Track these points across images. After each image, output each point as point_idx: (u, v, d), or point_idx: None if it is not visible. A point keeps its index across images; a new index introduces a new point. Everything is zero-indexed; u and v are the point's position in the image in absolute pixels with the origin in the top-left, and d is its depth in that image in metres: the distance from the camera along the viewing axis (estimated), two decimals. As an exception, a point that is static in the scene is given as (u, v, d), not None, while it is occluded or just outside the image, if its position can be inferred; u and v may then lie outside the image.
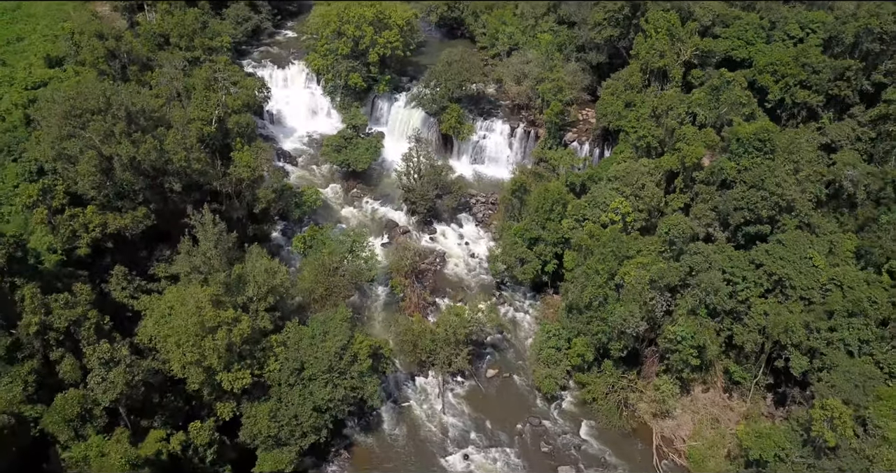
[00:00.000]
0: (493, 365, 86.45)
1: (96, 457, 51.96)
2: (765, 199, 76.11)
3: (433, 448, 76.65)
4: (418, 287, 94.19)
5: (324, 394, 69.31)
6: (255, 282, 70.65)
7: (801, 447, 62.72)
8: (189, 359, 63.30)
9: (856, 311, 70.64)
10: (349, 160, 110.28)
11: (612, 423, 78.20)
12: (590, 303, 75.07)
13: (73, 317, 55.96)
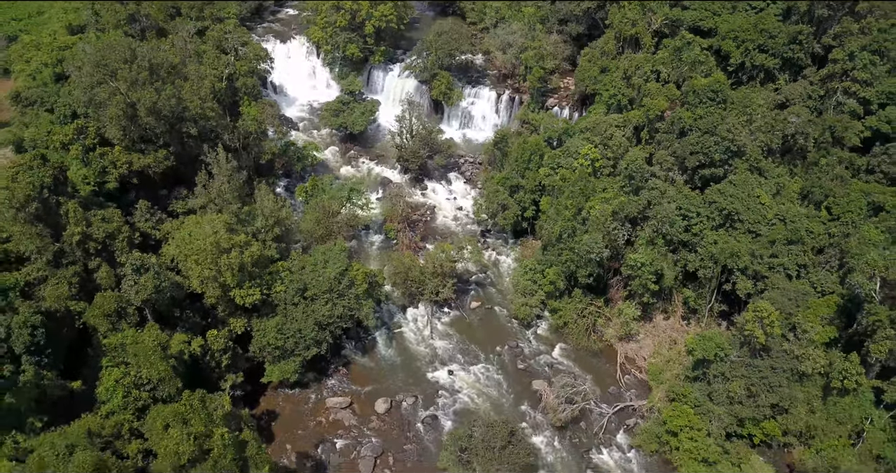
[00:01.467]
0: (476, 299, 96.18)
1: (131, 344, 61.68)
2: (717, 144, 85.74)
3: (421, 366, 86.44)
4: (410, 233, 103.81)
5: (324, 312, 79.03)
6: (262, 214, 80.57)
7: (738, 347, 72.46)
8: (206, 275, 73.01)
9: (794, 240, 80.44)
10: (346, 123, 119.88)
11: (581, 345, 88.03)
12: (560, 236, 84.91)
13: (109, 230, 65.81)
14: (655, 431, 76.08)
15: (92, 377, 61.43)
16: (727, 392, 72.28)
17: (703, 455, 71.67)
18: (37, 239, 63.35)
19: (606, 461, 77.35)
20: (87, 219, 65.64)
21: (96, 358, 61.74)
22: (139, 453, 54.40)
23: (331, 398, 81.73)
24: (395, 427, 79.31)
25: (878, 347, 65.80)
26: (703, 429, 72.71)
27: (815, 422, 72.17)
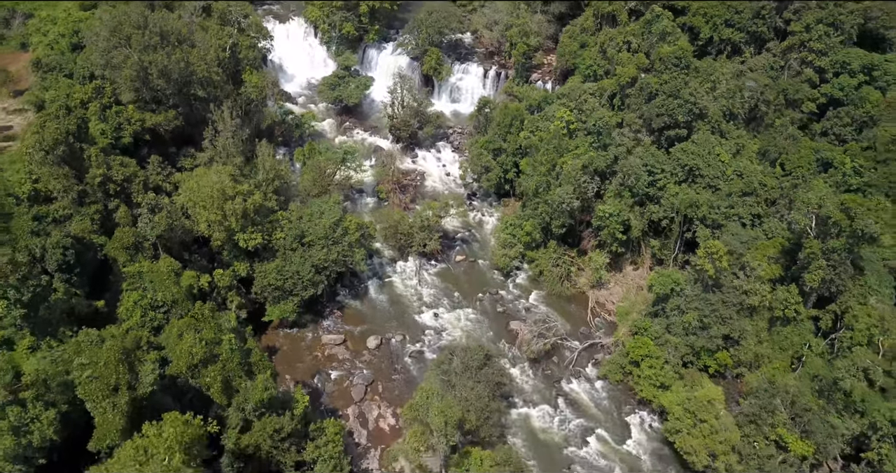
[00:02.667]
0: (461, 253, 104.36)
1: (148, 272, 69.81)
2: (681, 106, 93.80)
3: (409, 309, 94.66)
4: (400, 195, 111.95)
5: (320, 256, 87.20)
6: (263, 168, 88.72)
7: (693, 283, 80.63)
8: (213, 219, 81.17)
9: (749, 192, 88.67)
10: (342, 96, 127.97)
11: (555, 291, 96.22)
12: (536, 190, 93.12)
13: (127, 174, 74.05)
14: (620, 362, 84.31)
15: (113, 300, 69.53)
16: (683, 324, 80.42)
17: (661, 381, 79.80)
18: (63, 180, 71.46)
19: (575, 389, 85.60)
20: (107, 164, 73.82)
21: (117, 284, 69.83)
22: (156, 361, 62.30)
23: (326, 335, 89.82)
24: (385, 360, 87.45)
25: (811, 276, 73.94)
26: (661, 358, 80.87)
27: (762, 351, 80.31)
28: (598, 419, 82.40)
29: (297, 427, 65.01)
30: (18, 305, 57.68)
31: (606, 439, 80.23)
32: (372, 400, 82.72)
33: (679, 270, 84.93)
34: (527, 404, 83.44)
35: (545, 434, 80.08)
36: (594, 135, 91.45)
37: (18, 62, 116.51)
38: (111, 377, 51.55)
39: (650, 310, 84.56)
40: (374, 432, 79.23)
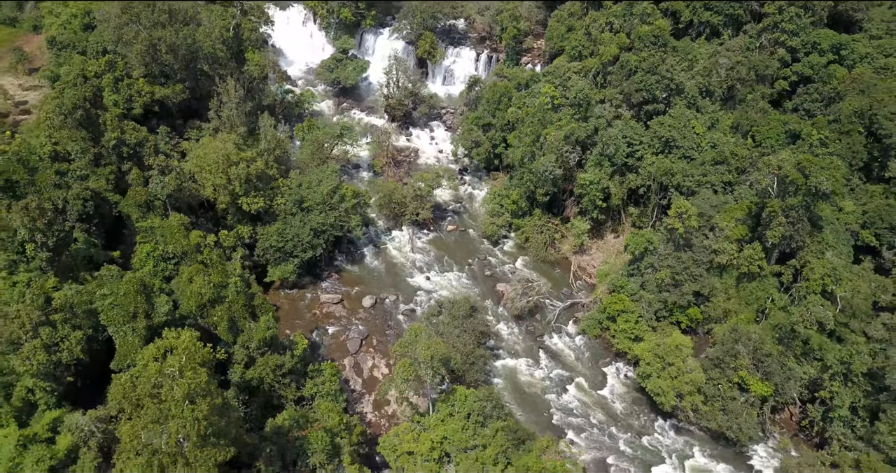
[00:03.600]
0: (452, 224, 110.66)
1: (159, 227, 76.00)
2: (658, 82, 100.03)
3: (402, 273, 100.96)
4: (395, 169, 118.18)
5: (319, 220, 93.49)
6: (265, 138, 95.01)
7: (666, 243, 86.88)
8: (218, 182, 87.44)
9: (720, 160, 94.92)
10: (340, 77, 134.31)
11: (540, 256, 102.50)
12: (522, 160, 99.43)
13: (139, 138, 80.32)
14: (598, 318, 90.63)
15: (127, 252, 75.74)
16: (656, 281, 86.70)
17: (636, 334, 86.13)
18: (80, 142, 77.72)
19: (556, 343, 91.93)
20: (121, 128, 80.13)
21: (130, 238, 76.08)
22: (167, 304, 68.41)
23: (324, 295, 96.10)
24: (379, 317, 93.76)
25: (772, 233, 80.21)
26: (636, 313, 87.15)
27: (729, 306, 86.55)
28: (576, 369, 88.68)
29: (296, 366, 71.31)
30: (45, 249, 63.88)
31: (584, 387, 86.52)
32: (366, 352, 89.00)
33: (654, 232, 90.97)
34: (510, 356, 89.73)
35: (527, 383, 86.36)
36: (575, 108, 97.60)
37: (31, 43, 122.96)
38: (130, 305, 57.84)
39: (626, 270, 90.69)
40: (369, 380, 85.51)
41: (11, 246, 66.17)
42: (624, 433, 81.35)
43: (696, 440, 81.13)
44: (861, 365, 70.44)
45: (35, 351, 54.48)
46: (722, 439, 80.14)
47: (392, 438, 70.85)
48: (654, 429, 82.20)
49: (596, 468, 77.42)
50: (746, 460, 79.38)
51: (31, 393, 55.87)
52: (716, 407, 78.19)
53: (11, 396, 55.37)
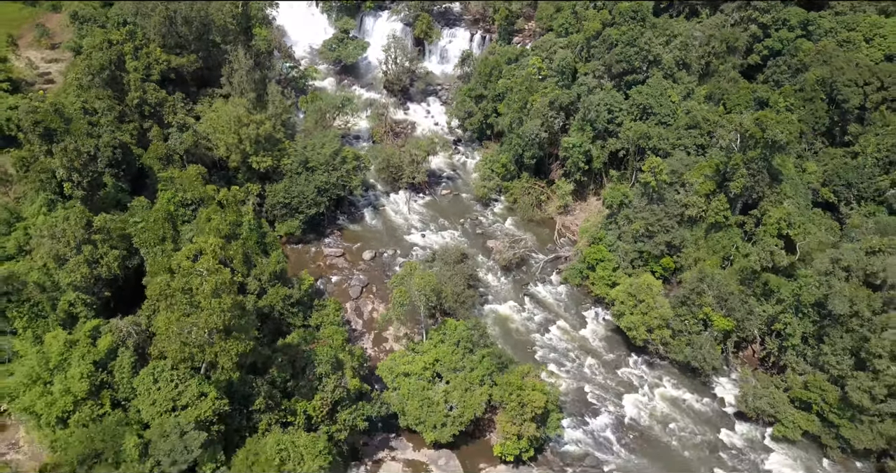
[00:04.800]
0: (446, 188, 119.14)
1: (178, 177, 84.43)
2: (637, 53, 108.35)
3: (400, 231, 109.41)
4: (393, 138, 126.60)
5: (322, 179, 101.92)
6: (273, 103, 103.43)
7: (640, 197, 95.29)
8: (230, 141, 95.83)
9: (693, 125, 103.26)
10: (341, 56, 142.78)
11: (527, 216, 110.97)
12: (510, 125, 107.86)
13: (159, 98, 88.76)
14: (579, 268, 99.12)
15: (150, 199, 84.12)
16: (632, 231, 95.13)
17: (612, 280, 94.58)
18: (107, 100, 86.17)
19: (541, 291, 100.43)
20: (143, 88, 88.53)
21: (153, 187, 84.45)
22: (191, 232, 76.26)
23: (327, 249, 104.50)
24: (378, 269, 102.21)
25: (735, 184, 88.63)
26: (613, 261, 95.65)
27: (699, 255, 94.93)
28: (558, 313, 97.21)
29: (304, 298, 79.79)
30: (80, 187, 72.24)
31: (565, 328, 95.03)
32: (367, 298, 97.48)
33: (630, 188, 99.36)
34: (498, 302, 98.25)
35: (513, 324, 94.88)
36: (559, 75, 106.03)
37: (52, 21, 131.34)
38: (159, 230, 66.24)
39: (605, 223, 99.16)
40: (368, 321, 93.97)
41: (50, 186, 74.71)
42: (600, 366, 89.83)
43: (666, 372, 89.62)
44: (809, 296, 78.84)
45: (79, 265, 62.86)
46: (689, 371, 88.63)
47: (389, 362, 79.36)
48: (628, 363, 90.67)
49: (574, 395, 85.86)
50: (710, 389, 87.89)
51: (73, 305, 64.20)
52: (683, 341, 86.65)
53: (57, 308, 63.72)
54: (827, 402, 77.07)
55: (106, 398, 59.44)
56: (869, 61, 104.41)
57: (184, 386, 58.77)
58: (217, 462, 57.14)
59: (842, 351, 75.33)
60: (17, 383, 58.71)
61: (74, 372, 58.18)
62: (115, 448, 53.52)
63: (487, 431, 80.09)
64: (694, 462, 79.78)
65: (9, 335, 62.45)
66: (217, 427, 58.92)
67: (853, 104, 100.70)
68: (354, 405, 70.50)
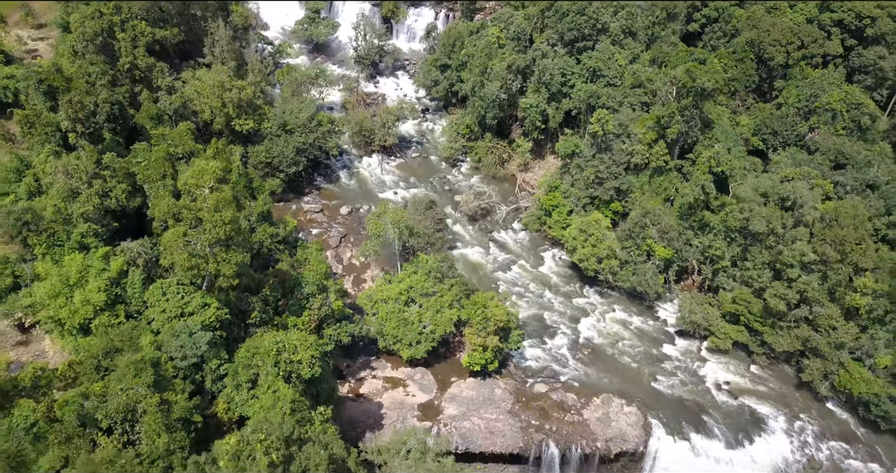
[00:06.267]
0: (415, 151, 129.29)
1: (169, 134, 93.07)
2: (586, 22, 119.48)
3: (374, 190, 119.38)
4: (365, 110, 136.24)
5: (301, 140, 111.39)
6: (252, 71, 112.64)
7: (590, 147, 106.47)
8: (214, 104, 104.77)
9: (637, 84, 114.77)
10: (313, 35, 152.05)
11: (491, 173, 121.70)
12: (473, 89, 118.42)
13: (148, 64, 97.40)
14: (537, 214, 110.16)
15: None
16: (584, 178, 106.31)
17: (566, 223, 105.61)
18: (100, 65, 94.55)
19: (504, 237, 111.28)
20: (134, 54, 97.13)
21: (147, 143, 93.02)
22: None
23: (306, 206, 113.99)
24: (355, 222, 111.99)
25: (671, 130, 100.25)
26: (567, 207, 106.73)
27: (644, 200, 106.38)
28: (519, 255, 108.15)
29: (288, 238, 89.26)
30: (83, 137, 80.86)
31: (525, 266, 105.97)
32: (345, 246, 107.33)
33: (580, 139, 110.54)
34: (465, 247, 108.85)
35: (478, 264, 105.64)
36: (516, 41, 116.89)
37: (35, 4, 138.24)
38: (160, 168, 75.31)
39: (559, 172, 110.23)
40: (348, 266, 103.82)
41: (54, 139, 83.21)
42: (557, 297, 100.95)
43: (616, 300, 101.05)
44: (734, 221, 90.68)
45: (90, 197, 71.69)
46: (636, 298, 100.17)
47: (368, 291, 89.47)
48: (582, 293, 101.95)
49: (533, 321, 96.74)
50: (655, 313, 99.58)
51: (84, 236, 72.96)
52: (629, 271, 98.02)
53: (71, 237, 72.44)
54: (752, 313, 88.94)
55: (120, 310, 68.45)
56: (792, 24, 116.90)
57: (189, 298, 68.04)
58: (221, 358, 66.55)
59: (761, 265, 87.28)
60: (42, 296, 67.43)
61: (92, 287, 67.11)
62: (133, 346, 62.59)
63: (458, 351, 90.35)
64: (639, 371, 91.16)
65: (30, 262, 71.03)
66: (219, 332, 68.29)
67: (778, 62, 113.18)
68: (338, 323, 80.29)
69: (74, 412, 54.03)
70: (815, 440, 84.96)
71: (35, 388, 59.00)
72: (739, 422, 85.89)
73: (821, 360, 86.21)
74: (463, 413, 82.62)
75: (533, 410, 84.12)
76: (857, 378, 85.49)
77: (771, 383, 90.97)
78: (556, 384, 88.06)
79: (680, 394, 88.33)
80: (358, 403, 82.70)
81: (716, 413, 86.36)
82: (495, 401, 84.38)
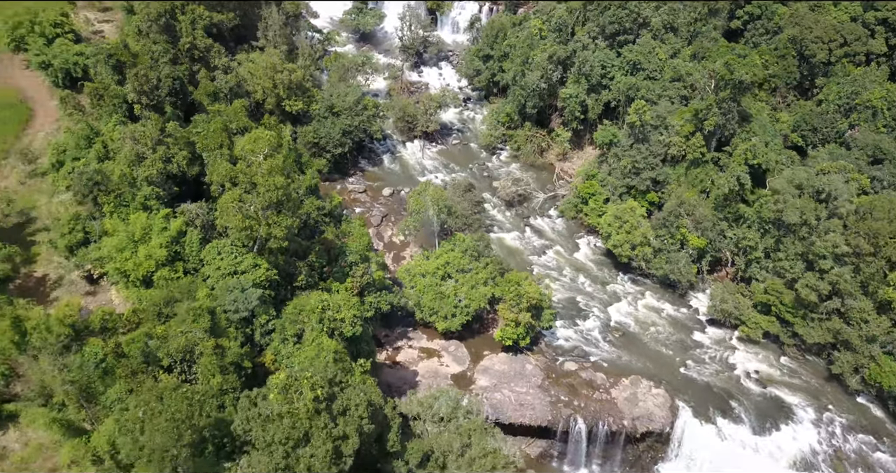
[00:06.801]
0: (456, 139, 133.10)
1: (225, 110, 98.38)
2: (628, 15, 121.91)
3: (415, 174, 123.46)
4: (409, 97, 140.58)
5: (347, 122, 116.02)
6: (303, 55, 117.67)
7: (627, 137, 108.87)
8: (266, 85, 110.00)
9: (676, 78, 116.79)
10: (360, 24, 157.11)
11: (529, 162, 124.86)
12: (514, 78, 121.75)
13: (207, 44, 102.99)
14: (573, 202, 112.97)
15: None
16: (621, 168, 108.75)
17: (602, 210, 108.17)
18: (163, 44, 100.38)
19: (540, 223, 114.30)
20: (193, 34, 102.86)
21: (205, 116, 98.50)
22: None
23: (350, 186, 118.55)
24: (396, 203, 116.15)
25: (709, 122, 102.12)
26: (604, 195, 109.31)
27: (680, 191, 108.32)
28: (555, 240, 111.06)
29: (333, 211, 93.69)
30: (148, 109, 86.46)
31: (560, 252, 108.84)
32: (386, 225, 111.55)
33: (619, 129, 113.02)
34: (502, 231, 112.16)
35: (514, 248, 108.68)
36: (557, 33, 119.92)
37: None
38: (217, 138, 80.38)
39: (596, 161, 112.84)
40: (388, 243, 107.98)
41: (121, 110, 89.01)
42: (590, 282, 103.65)
43: (648, 288, 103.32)
44: (768, 213, 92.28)
45: (154, 161, 77.06)
46: (668, 286, 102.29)
47: (407, 266, 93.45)
48: (616, 280, 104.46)
49: (566, 303, 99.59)
50: (687, 302, 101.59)
51: (147, 199, 78.33)
52: (662, 259, 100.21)
53: (135, 199, 77.90)
54: (783, 303, 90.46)
55: (179, 266, 73.53)
56: (835, 22, 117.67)
57: (241, 258, 72.79)
58: (269, 315, 71.08)
59: (794, 256, 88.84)
60: (109, 250, 72.85)
61: (155, 243, 72.31)
62: (191, 298, 67.43)
63: (490, 328, 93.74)
64: (669, 356, 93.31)
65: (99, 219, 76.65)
66: (268, 291, 72.87)
67: (819, 59, 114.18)
68: (379, 292, 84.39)
69: (140, 348, 58.92)
70: (843, 432, 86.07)
71: (103, 330, 64.23)
72: (767, 410, 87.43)
73: (852, 353, 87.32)
74: (494, 385, 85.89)
75: (562, 386, 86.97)
76: (888, 371, 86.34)
77: (801, 374, 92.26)
78: (586, 363, 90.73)
79: (708, 380, 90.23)
80: (394, 370, 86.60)
81: (744, 400, 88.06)
82: (526, 376, 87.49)
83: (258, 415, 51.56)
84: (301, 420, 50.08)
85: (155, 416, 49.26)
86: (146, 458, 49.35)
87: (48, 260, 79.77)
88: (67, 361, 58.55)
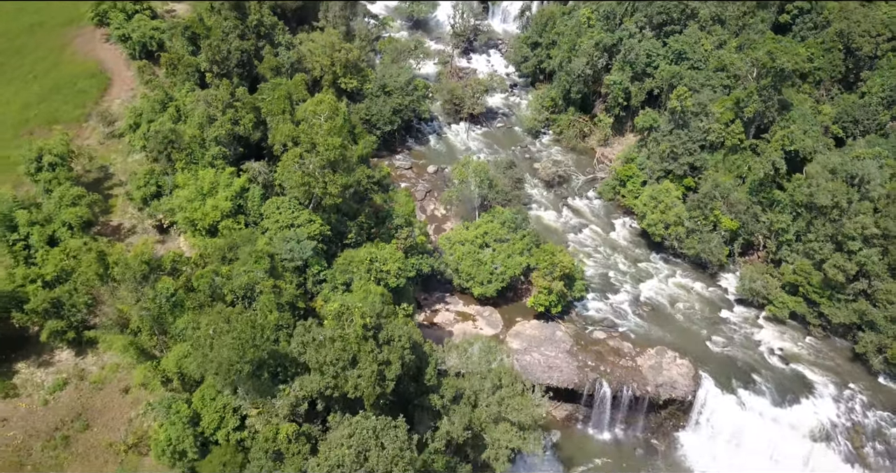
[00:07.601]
0: (501, 122, 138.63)
1: (286, 83, 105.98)
2: (675, 6, 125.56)
3: (459, 154, 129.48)
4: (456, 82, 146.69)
5: (398, 101, 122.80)
6: (360, 36, 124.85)
7: (668, 122, 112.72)
8: (325, 63, 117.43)
9: (720, 68, 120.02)
10: (414, 12, 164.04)
11: (571, 146, 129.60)
12: (560, 64, 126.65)
13: (272, 22, 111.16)
14: (612, 184, 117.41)
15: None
16: (659, 152, 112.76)
17: (639, 193, 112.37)
18: (232, 20, 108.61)
19: (578, 204, 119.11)
20: (261, 12, 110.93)
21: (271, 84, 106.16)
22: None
23: (398, 162, 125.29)
24: (440, 180, 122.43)
25: (749, 109, 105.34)
26: (642, 178, 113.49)
27: (717, 177, 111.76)
28: (591, 220, 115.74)
29: (382, 180, 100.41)
30: (218, 78, 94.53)
31: (597, 231, 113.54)
32: (429, 200, 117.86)
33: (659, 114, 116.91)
34: (540, 209, 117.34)
35: (551, 226, 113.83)
36: (604, 20, 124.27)
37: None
38: (281, 104, 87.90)
39: (636, 145, 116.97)
40: (430, 216, 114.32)
41: (193, 78, 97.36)
42: (623, 259, 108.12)
43: (680, 267, 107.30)
44: (801, 196, 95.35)
45: (223, 123, 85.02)
46: (700, 267, 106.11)
47: (448, 234, 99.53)
48: (649, 259, 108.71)
49: (599, 278, 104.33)
50: (717, 281, 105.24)
51: (215, 158, 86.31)
52: (695, 239, 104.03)
53: (204, 157, 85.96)
54: (811, 284, 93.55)
55: (241, 219, 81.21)
56: (885, 17, 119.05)
57: (298, 213, 79.99)
58: (321, 266, 78.10)
59: (824, 237, 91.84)
60: (181, 201, 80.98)
61: (221, 196, 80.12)
62: (252, 245, 74.85)
63: (524, 296, 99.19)
64: (695, 331, 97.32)
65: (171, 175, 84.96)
66: (321, 245, 79.88)
67: (866, 52, 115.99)
68: (420, 256, 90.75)
69: (207, 283, 66.48)
70: (862, 408, 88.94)
71: (173, 270, 72.09)
72: (789, 385, 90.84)
73: (876, 334, 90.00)
74: (525, 348, 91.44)
75: (590, 352, 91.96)
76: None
77: (824, 353, 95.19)
78: (614, 333, 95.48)
79: (733, 354, 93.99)
80: (431, 330, 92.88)
81: (766, 374, 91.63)
82: (556, 341, 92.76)
83: (312, 340, 58.33)
84: (351, 344, 56.64)
85: (223, 334, 56.47)
86: (213, 370, 56.59)
87: (123, 211, 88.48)
88: (145, 290, 66.44)
